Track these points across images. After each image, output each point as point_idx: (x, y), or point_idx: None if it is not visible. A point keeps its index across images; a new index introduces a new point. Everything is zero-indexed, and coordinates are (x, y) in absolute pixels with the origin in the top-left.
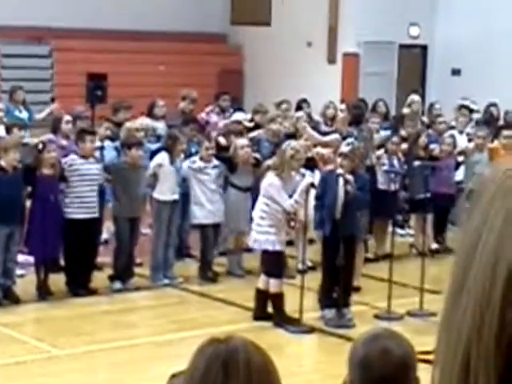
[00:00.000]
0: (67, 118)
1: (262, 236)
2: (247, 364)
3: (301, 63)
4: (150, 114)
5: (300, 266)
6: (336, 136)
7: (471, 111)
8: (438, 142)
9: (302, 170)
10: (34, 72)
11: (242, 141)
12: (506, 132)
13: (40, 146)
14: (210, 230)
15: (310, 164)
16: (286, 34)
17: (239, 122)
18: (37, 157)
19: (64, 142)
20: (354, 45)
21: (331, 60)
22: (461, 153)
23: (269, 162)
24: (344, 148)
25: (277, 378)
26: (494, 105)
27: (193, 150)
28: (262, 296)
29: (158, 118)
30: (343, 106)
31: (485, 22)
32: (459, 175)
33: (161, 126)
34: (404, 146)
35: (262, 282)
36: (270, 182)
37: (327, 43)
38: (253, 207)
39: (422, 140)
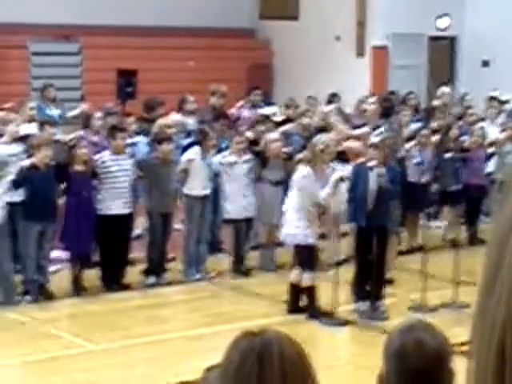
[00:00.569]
0: (98, 114)
1: (295, 230)
2: (281, 356)
3: (330, 57)
4: (181, 109)
5: (333, 259)
6: (366, 129)
7: (502, 102)
8: (468, 133)
9: (333, 164)
10: (64, 70)
11: (274, 135)
12: None
13: (72, 142)
14: (241, 224)
15: (342, 157)
16: (314, 28)
17: (267, 117)
18: (69, 154)
19: (95, 139)
20: (383, 38)
21: (360, 53)
22: (491, 144)
23: (300, 155)
24: (374, 139)
25: (311, 370)
26: None
27: (223, 145)
28: (295, 290)
29: (189, 113)
30: (373, 99)
31: None
32: (490, 166)
33: (191, 122)
34: (434, 138)
35: (294, 275)
36: (303, 174)
37: (355, 36)
38: (284, 201)
39: (453, 132)
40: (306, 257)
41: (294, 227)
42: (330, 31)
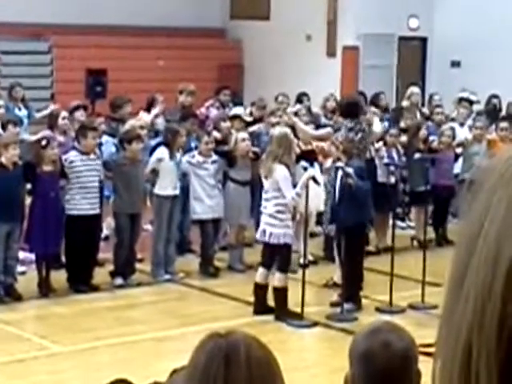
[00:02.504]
0: (64, 113)
1: (280, 230)
2: (248, 358)
3: (300, 57)
4: (150, 109)
5: (301, 261)
6: (328, 129)
7: (471, 103)
8: (437, 134)
9: (304, 164)
10: (34, 68)
11: (243, 134)
12: (502, 124)
13: (44, 142)
14: (209, 225)
15: (310, 157)
16: (285, 27)
17: (238, 117)
18: (38, 153)
19: (61, 138)
20: (354, 38)
21: (331, 53)
22: (460, 144)
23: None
24: (340, 139)
25: (278, 371)
26: (496, 96)
27: (192, 144)
28: (261, 290)
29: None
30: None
31: (484, 13)
32: (457, 167)
33: (159, 122)
34: (403, 138)
35: (260, 275)
36: (283, 173)
37: (326, 36)
38: (252, 201)
39: (423, 133)
40: (287, 257)
41: (281, 227)
42: (300, 31)
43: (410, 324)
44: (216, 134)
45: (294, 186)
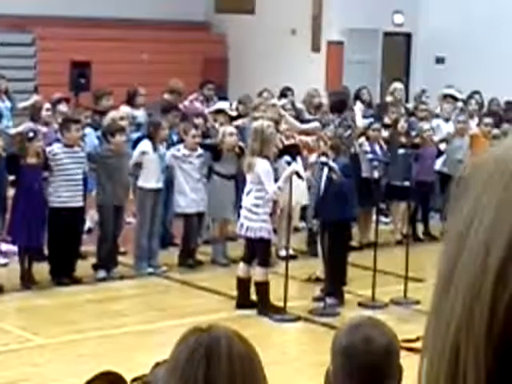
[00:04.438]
0: (47, 105)
1: (257, 224)
2: (229, 352)
3: (285, 51)
4: (131, 102)
5: (284, 254)
6: (316, 124)
7: (456, 99)
8: (419, 129)
9: (288, 158)
10: (17, 60)
11: (231, 128)
12: (486, 120)
13: (31, 134)
14: (193, 218)
15: (292, 151)
16: (270, 22)
17: (223, 111)
18: (22, 146)
19: (44, 130)
20: (338, 33)
21: (315, 48)
22: (443, 140)
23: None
24: (326, 133)
25: (259, 366)
26: (477, 92)
27: (174, 138)
28: (244, 284)
29: (138, 106)
30: (325, 94)
31: (468, 9)
32: (438, 163)
33: (140, 114)
34: (385, 133)
35: (241, 270)
36: (264, 167)
37: (311, 31)
38: (236, 195)
39: (401, 126)
40: (266, 251)
41: (258, 221)
42: (285, 25)
43: (392, 319)
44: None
45: (276, 180)
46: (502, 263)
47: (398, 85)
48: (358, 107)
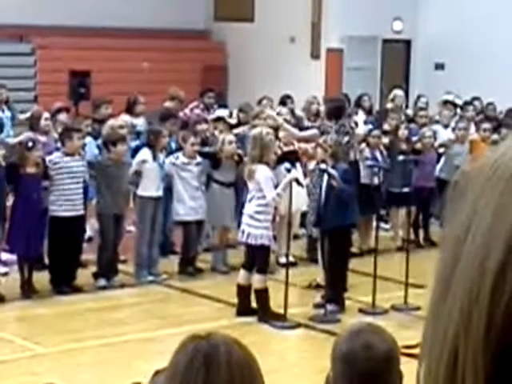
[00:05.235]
0: (46, 115)
1: (259, 231)
2: (229, 360)
3: (284, 59)
4: (130, 110)
5: (284, 261)
6: (314, 131)
7: (456, 106)
8: (420, 135)
9: (287, 165)
10: (17, 70)
11: (230, 137)
12: (485, 125)
13: (30, 144)
14: (192, 226)
15: (292, 158)
16: (269, 29)
17: (222, 119)
18: (22, 155)
19: (43, 139)
20: (338, 40)
21: (315, 55)
22: (442, 145)
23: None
24: (326, 141)
25: (259, 373)
26: (477, 98)
27: (173, 146)
28: (244, 291)
29: (138, 114)
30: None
31: (467, 16)
32: (437, 169)
33: (140, 123)
34: (385, 140)
35: (242, 277)
36: (264, 173)
37: (311, 39)
38: (236, 203)
39: (401, 132)
40: (265, 259)
41: (259, 228)
42: (285, 33)
43: (393, 325)
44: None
45: (276, 186)
46: (501, 267)
47: (398, 92)
48: (360, 115)
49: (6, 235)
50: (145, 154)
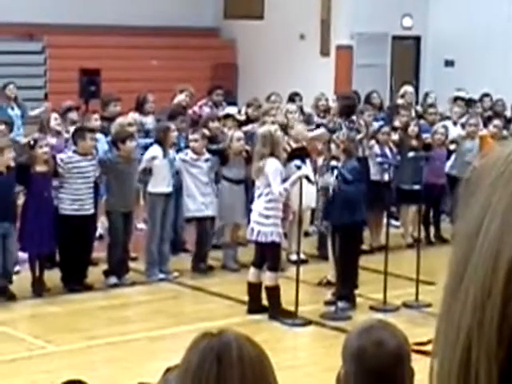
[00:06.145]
0: (54, 115)
1: (269, 228)
2: (240, 357)
3: (294, 56)
4: (140, 108)
5: (295, 258)
6: (322, 130)
7: (467, 103)
8: (430, 131)
9: (298, 162)
10: (27, 69)
11: (239, 133)
12: (495, 121)
13: (31, 142)
14: (206, 222)
15: (302, 154)
16: (278, 27)
17: (231, 116)
18: (30, 154)
19: (53, 141)
20: (347, 37)
21: (324, 52)
22: (453, 141)
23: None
24: (336, 137)
25: (271, 370)
26: (488, 95)
27: (182, 143)
28: (255, 289)
29: (147, 113)
30: (334, 98)
31: (477, 12)
32: (447, 165)
33: (149, 121)
34: (395, 136)
35: (252, 275)
36: (274, 165)
37: (320, 36)
38: (246, 199)
39: (412, 129)
40: (276, 256)
41: (269, 225)
42: (294, 30)
43: (404, 322)
44: (205, 132)
45: (285, 181)
46: None
47: (408, 88)
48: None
49: (17, 234)
50: (155, 150)
